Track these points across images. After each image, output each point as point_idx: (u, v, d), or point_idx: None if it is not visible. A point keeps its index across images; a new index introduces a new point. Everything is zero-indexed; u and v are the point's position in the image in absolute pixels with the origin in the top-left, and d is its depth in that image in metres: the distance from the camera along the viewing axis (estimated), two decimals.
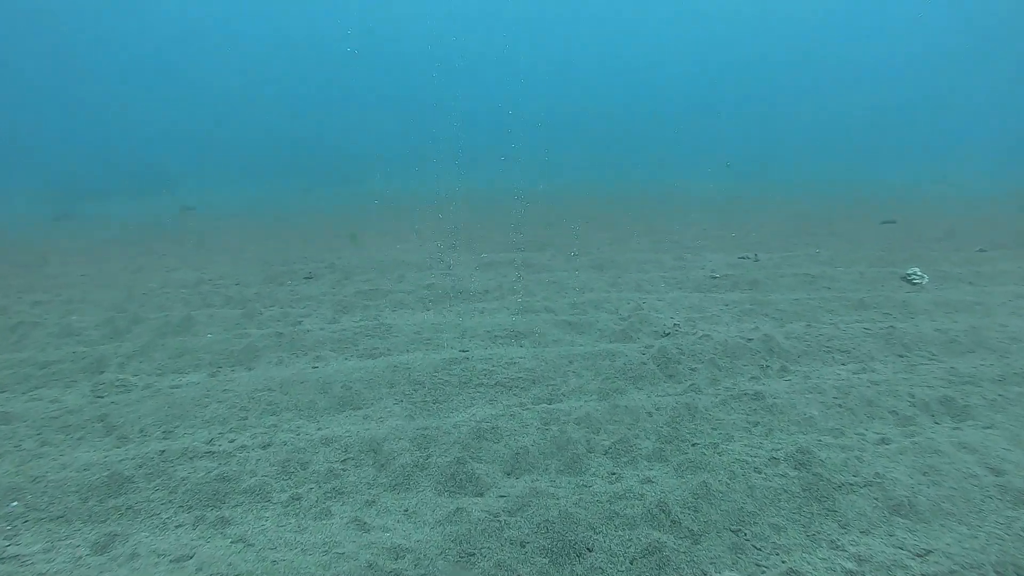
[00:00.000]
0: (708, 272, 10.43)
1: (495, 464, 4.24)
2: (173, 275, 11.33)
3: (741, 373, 5.87)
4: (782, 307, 8.07)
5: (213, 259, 13.23)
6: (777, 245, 13.12)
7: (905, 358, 6.21)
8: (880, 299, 8.24)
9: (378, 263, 11.88)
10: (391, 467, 4.17)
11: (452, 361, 6.04)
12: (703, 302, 8.45)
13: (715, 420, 4.80)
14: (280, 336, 7.01)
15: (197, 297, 9.32)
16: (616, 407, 4.98)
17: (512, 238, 14.55)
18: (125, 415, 4.97)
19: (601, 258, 11.81)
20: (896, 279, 9.51)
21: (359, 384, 5.55)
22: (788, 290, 9.11)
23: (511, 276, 10.33)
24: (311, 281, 10.56)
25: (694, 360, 6.11)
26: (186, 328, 7.53)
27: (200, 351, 6.62)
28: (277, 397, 5.34)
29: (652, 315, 7.72)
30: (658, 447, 4.40)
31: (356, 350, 6.68)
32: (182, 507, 3.70)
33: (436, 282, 9.81)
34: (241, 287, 10.14)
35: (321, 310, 8.50)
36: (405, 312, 8.29)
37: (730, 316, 7.83)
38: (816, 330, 6.94)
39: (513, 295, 9.04)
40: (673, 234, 15.12)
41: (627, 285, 9.60)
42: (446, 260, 11.96)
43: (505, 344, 6.81)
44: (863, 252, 12.08)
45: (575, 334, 7.16)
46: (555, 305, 8.36)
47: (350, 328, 7.33)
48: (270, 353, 6.61)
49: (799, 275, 9.85)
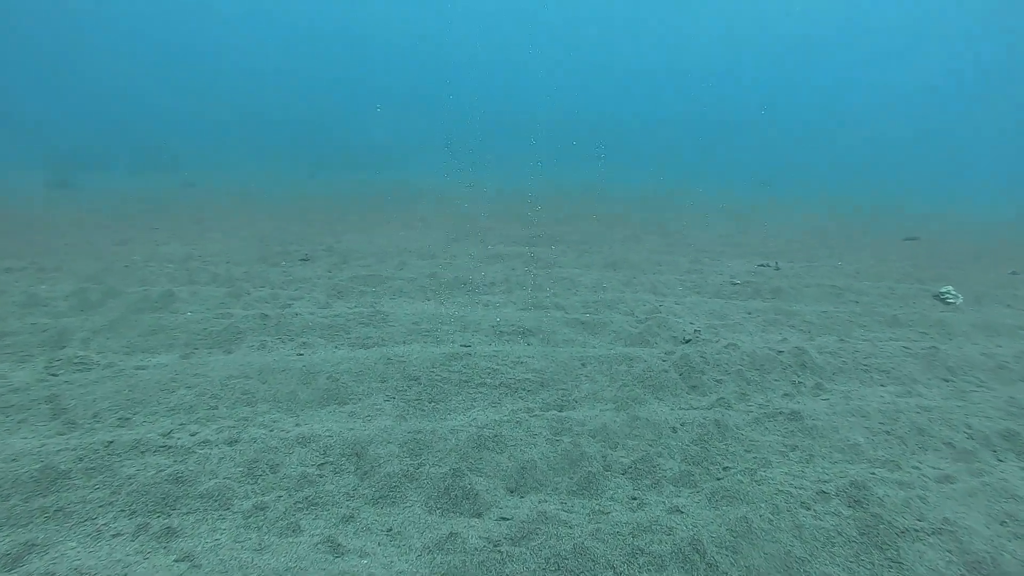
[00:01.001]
0: (727, 278, 9.83)
1: (497, 479, 3.65)
2: (161, 249, 10.74)
3: (772, 388, 5.27)
4: (810, 319, 7.47)
5: (207, 236, 12.63)
6: (797, 255, 12.52)
7: (951, 383, 5.61)
8: (915, 317, 7.64)
9: (379, 249, 11.28)
10: (376, 476, 3.58)
11: (452, 356, 5.45)
12: (724, 309, 7.85)
13: (748, 441, 4.21)
14: (265, 318, 6.42)
15: (183, 273, 8.73)
16: (636, 419, 4.39)
17: (523, 232, 13.96)
18: (78, 397, 4.38)
19: (614, 257, 11.21)
20: (928, 297, 8.91)
21: (347, 376, 4.96)
22: (814, 301, 8.51)
23: (520, 270, 9.74)
24: (307, 263, 9.96)
25: (719, 371, 5.51)
26: (165, 305, 6.94)
27: (176, 330, 6.02)
28: (254, 386, 4.75)
29: (670, 319, 7.13)
30: (685, 469, 3.80)
31: (347, 338, 6.09)
32: (123, 511, 3.11)
33: (439, 272, 9.22)
34: (231, 265, 9.55)
35: (314, 294, 7.90)
36: (404, 301, 7.70)
37: (754, 325, 7.24)
38: (850, 346, 6.34)
39: (521, 290, 8.44)
40: (688, 237, 14.52)
41: (642, 286, 9.00)
42: (451, 250, 11.37)
43: (511, 341, 6.22)
44: (889, 267, 11.48)
45: (588, 335, 6.57)
46: (566, 302, 7.76)
47: (343, 314, 6.73)
48: (253, 336, 6.02)
49: (824, 287, 9.25)
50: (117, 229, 13.07)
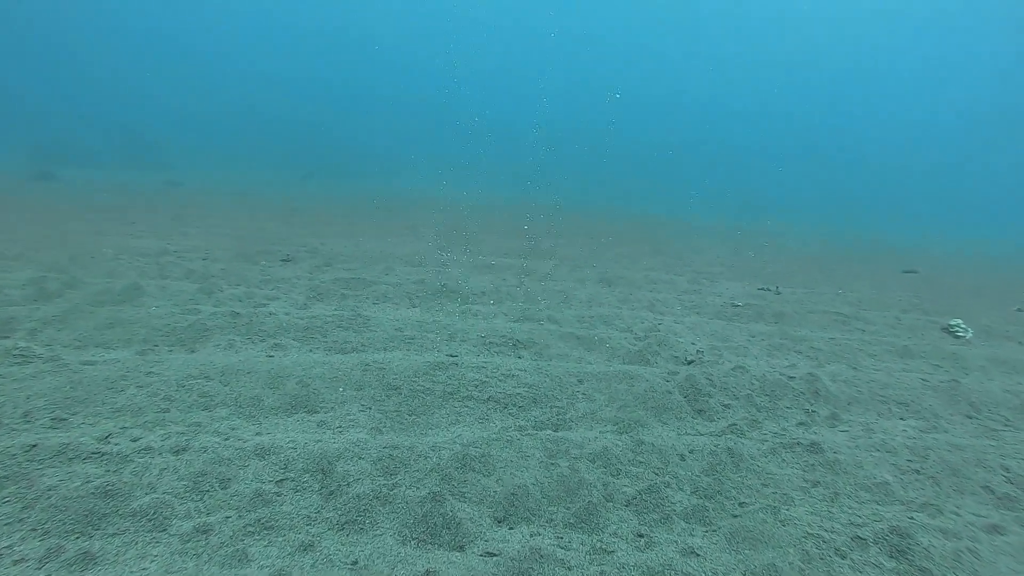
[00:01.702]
0: (727, 299, 9.42)
1: (483, 505, 3.16)
2: (135, 242, 10.20)
3: (785, 416, 4.83)
4: (817, 345, 7.06)
5: (186, 232, 12.10)
6: (796, 281, 12.15)
7: (976, 420, 5.18)
8: (927, 348, 7.24)
9: (365, 253, 10.80)
10: (343, 497, 3.08)
11: (437, 366, 4.97)
12: (726, 330, 7.43)
13: (765, 473, 3.75)
14: (236, 317, 5.91)
15: (154, 267, 8.20)
16: (640, 444, 3.92)
17: (515, 244, 13.53)
18: (10, 393, 3.86)
19: (609, 273, 10.79)
20: (936, 329, 8.53)
21: (319, 382, 4.47)
22: (819, 328, 8.11)
23: (511, 281, 9.28)
24: (288, 264, 9.46)
25: (727, 395, 5.07)
26: (128, 298, 6.41)
27: (136, 324, 5.50)
28: (214, 388, 4.24)
29: (671, 338, 6.69)
30: (697, 504, 3.33)
31: (324, 341, 5.59)
32: (35, 531, 2.60)
33: (427, 279, 8.74)
34: (208, 262, 9.03)
35: (292, 294, 7.41)
36: (388, 306, 7.21)
37: (759, 349, 6.81)
38: (864, 375, 5.92)
39: (512, 301, 7.98)
40: (684, 258, 14.14)
41: (639, 303, 8.57)
42: (441, 258, 10.91)
43: (501, 353, 5.74)
44: (891, 297, 11.12)
45: (583, 350, 6.11)
46: (560, 316, 7.31)
47: (321, 316, 6.24)
48: (220, 335, 5.51)
49: (829, 313, 8.85)
50: (93, 221, 12.50)
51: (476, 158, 23.52)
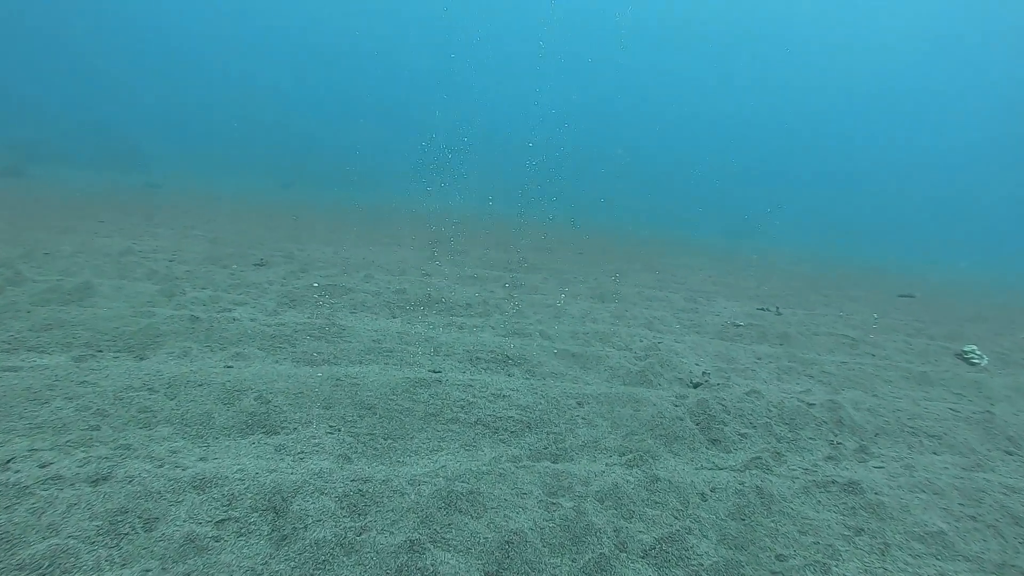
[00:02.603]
0: (727, 319, 8.92)
1: (471, 556, 2.58)
2: (99, 240, 9.52)
3: (809, 448, 4.29)
4: (828, 369, 6.55)
5: (156, 232, 11.42)
6: (792, 302, 11.69)
7: (1018, 457, 4.67)
8: (945, 375, 6.76)
9: (344, 260, 10.19)
10: (298, 544, 2.49)
11: (418, 383, 4.38)
12: (730, 351, 6.91)
13: (801, 518, 3.20)
14: (195, 321, 5.29)
15: (113, 267, 7.55)
16: (654, 480, 3.36)
17: (502, 256, 12.99)
18: None
19: (601, 289, 10.25)
20: (950, 355, 8.07)
21: (282, 398, 3.86)
22: (827, 351, 7.61)
23: (499, 293, 8.71)
24: (261, 268, 8.83)
25: (743, 422, 4.52)
26: (77, 298, 5.77)
27: (79, 326, 4.87)
28: (158, 401, 3.63)
29: (673, 358, 6.15)
30: (728, 556, 2.77)
31: (291, 352, 4.99)
32: None
33: (409, 288, 8.15)
34: (175, 263, 8.38)
35: (262, 300, 6.79)
36: (366, 316, 6.62)
37: (767, 372, 6.29)
38: (886, 403, 5.41)
39: (501, 314, 7.41)
40: (676, 275, 13.66)
41: (636, 320, 8.03)
42: (424, 267, 10.32)
43: (490, 370, 5.17)
44: (894, 321, 10.68)
45: (579, 368, 5.55)
46: (552, 331, 6.75)
47: (291, 324, 5.63)
48: (175, 341, 4.88)
49: (836, 335, 8.37)
50: (58, 219, 11.78)
51: (464, 171, 23.02)
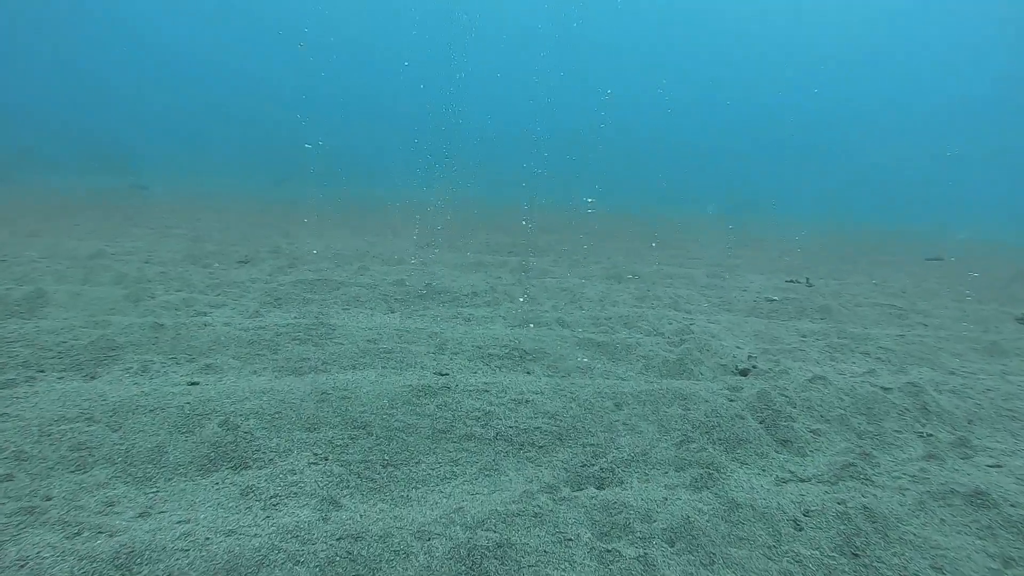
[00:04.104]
0: (757, 293, 8.17)
1: None
2: (70, 243, 8.76)
3: (899, 446, 3.54)
4: (885, 344, 5.80)
5: (135, 232, 10.66)
6: (820, 271, 10.91)
7: None
8: (1019, 345, 6.01)
9: (336, 253, 9.43)
10: None
11: (422, 390, 3.63)
12: (770, 330, 6.16)
13: (930, 547, 2.45)
14: (159, 329, 4.54)
15: (78, 271, 6.80)
16: (732, 507, 2.61)
17: (506, 239, 12.23)
18: None
19: (617, 268, 9.49)
20: (1010, 320, 7.31)
21: (255, 420, 3.12)
22: (875, 323, 6.86)
23: (507, 279, 7.96)
24: (245, 265, 8.08)
25: (813, 416, 3.78)
26: (27, 308, 5.02)
27: (20, 342, 4.12)
28: (98, 435, 2.88)
29: (711, 342, 5.40)
30: None
31: (273, 360, 4.24)
32: None
33: (407, 279, 7.40)
34: (149, 265, 7.63)
35: (243, 300, 6.04)
36: (360, 312, 5.87)
37: (818, 351, 5.54)
38: (968, 382, 4.66)
39: (511, 302, 6.67)
40: (690, 251, 12.89)
41: (660, 301, 7.28)
42: (423, 255, 9.57)
43: (506, 368, 4.42)
44: (934, 286, 9.92)
45: (608, 360, 4.80)
46: (571, 318, 6.00)
47: (273, 327, 4.88)
48: (134, 354, 4.13)
49: (879, 305, 7.62)
50: (30, 222, 11.02)
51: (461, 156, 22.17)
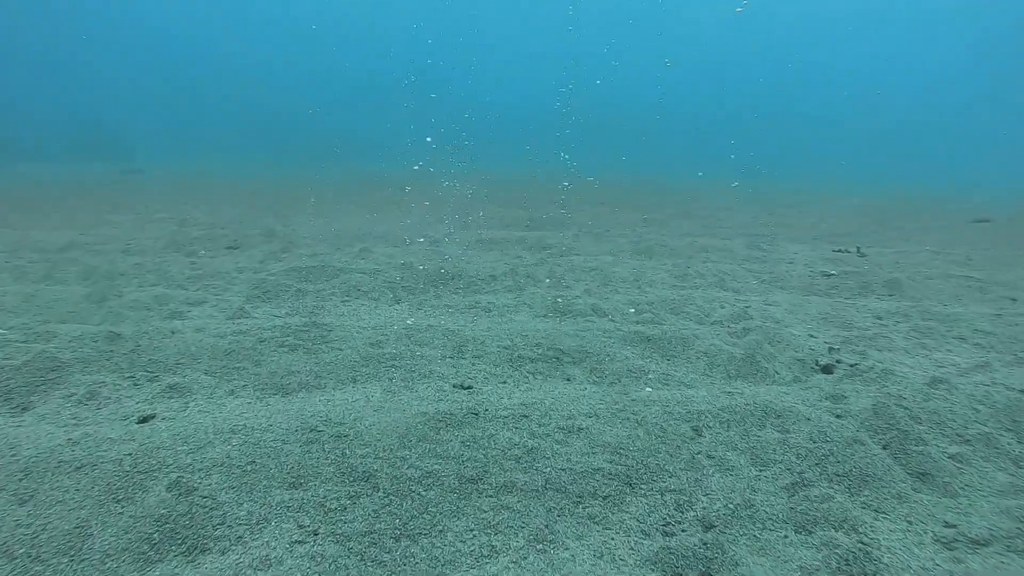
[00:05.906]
0: (807, 266, 7.27)
1: None
2: (39, 235, 7.93)
3: None
4: (982, 327, 4.92)
5: (117, 220, 9.82)
6: (865, 239, 9.95)
7: None
8: None
9: (336, 234, 8.56)
10: None
11: (442, 420, 2.78)
12: (838, 311, 5.28)
13: None
14: (113, 341, 3.70)
15: (40, 267, 5.97)
16: None
17: (521, 214, 11.31)
18: None
19: (645, 242, 8.58)
20: None
21: (221, 476, 2.28)
22: (956, 300, 5.95)
23: (527, 259, 7.08)
24: (234, 251, 7.23)
25: (946, 437, 2.92)
26: None
27: None
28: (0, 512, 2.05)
29: (777, 330, 4.52)
30: None
31: (253, 376, 3.40)
32: None
33: (415, 261, 6.53)
34: (124, 255, 6.80)
35: (227, 294, 5.20)
36: (361, 304, 5.02)
37: (905, 339, 4.66)
38: None
39: (536, 285, 5.80)
40: (719, 219, 11.94)
41: (703, 279, 6.39)
42: (432, 234, 8.68)
43: (542, 375, 3.57)
44: (997, 252, 8.97)
45: (662, 359, 3.94)
46: (607, 305, 5.13)
47: (257, 330, 4.04)
48: (79, 374, 3.30)
49: (951, 277, 6.71)
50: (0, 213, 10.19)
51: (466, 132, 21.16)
